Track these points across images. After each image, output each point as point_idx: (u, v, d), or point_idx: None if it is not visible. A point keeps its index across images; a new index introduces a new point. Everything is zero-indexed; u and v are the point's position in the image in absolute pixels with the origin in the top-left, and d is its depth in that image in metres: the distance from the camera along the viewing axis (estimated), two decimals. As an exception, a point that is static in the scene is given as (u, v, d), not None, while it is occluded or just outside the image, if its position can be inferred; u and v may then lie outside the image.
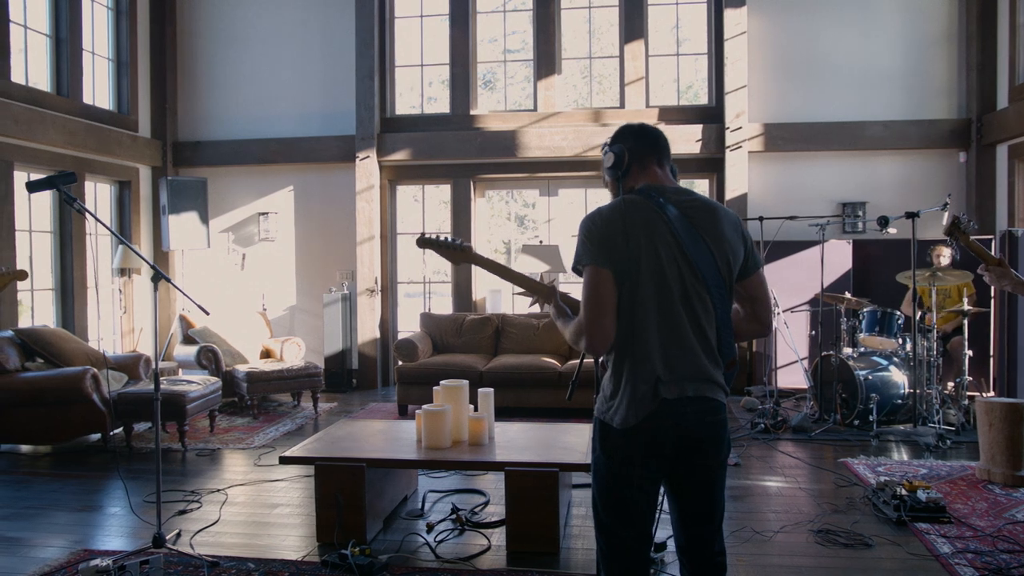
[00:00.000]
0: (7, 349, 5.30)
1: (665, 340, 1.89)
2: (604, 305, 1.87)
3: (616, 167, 2.05)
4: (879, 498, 3.93)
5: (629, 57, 7.53)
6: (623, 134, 2.10)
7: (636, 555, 2.01)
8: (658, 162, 2.06)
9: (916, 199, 6.95)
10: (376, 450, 3.62)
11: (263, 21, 7.98)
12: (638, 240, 1.89)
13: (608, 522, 2.00)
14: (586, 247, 1.91)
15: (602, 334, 1.87)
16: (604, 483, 1.98)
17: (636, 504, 1.96)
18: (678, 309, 1.90)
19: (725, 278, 1.95)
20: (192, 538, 3.61)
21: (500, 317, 7.02)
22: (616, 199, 1.99)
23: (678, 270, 1.90)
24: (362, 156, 7.60)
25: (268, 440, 5.56)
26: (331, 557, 3.20)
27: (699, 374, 1.90)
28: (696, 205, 1.98)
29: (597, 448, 1.99)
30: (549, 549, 3.37)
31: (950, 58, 7.17)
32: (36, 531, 3.79)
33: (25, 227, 6.46)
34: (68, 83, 6.79)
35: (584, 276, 1.90)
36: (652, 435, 1.89)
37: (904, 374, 5.72)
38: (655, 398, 1.87)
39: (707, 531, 2.03)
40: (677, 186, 2.04)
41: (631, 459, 1.92)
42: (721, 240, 1.94)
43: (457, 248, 2.26)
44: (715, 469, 1.99)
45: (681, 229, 1.92)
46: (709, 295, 1.92)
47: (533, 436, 3.89)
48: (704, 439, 1.93)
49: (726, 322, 1.96)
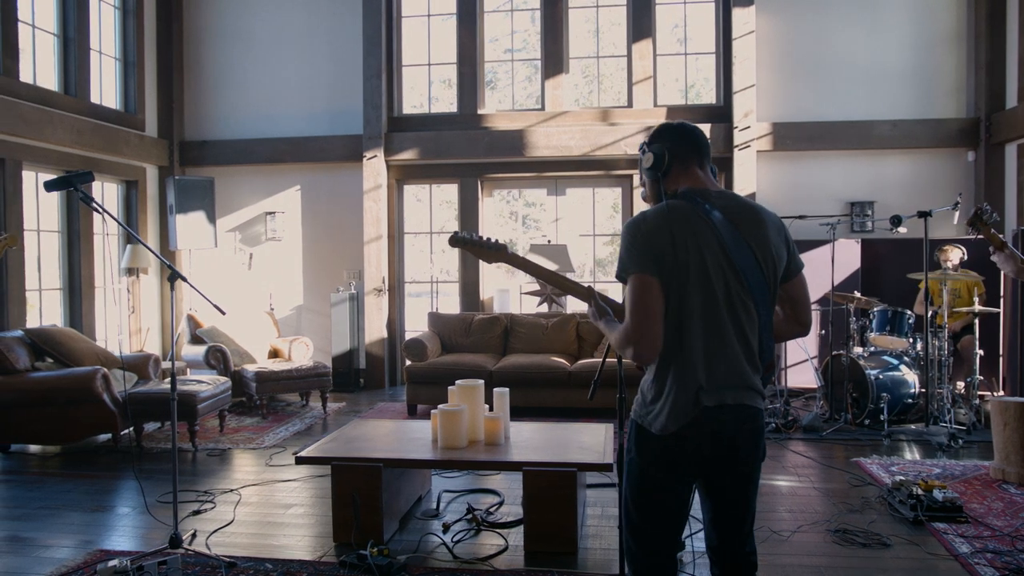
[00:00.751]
0: (17, 349, 5.29)
1: (709, 348, 1.87)
2: (652, 313, 1.83)
3: (656, 168, 1.99)
4: (895, 498, 3.92)
5: (637, 56, 7.51)
6: (662, 133, 2.05)
7: (666, 557, 2.01)
8: (700, 163, 2.02)
9: (925, 198, 6.95)
10: (392, 450, 3.61)
11: (270, 20, 7.97)
12: (685, 246, 1.86)
13: (640, 524, 1.99)
14: (631, 254, 1.87)
15: (651, 343, 1.84)
16: (638, 485, 1.98)
17: (669, 507, 1.96)
18: (723, 316, 1.88)
19: (769, 283, 1.93)
20: (208, 538, 3.61)
21: (508, 317, 7.01)
22: (660, 204, 1.94)
23: (723, 276, 1.87)
24: (369, 155, 7.58)
25: (278, 440, 5.55)
26: (349, 557, 3.19)
27: (740, 382, 1.89)
28: (740, 209, 1.95)
29: (632, 451, 1.99)
30: (567, 549, 3.36)
31: (959, 57, 7.16)
32: (51, 531, 3.78)
33: (33, 227, 6.45)
34: (76, 82, 6.78)
35: (630, 283, 1.86)
36: (690, 441, 1.88)
37: (915, 373, 5.71)
38: (696, 406, 1.86)
39: (740, 532, 2.03)
40: (720, 189, 2.01)
41: (668, 464, 1.92)
42: (766, 245, 1.92)
43: (492, 247, 2.24)
44: (751, 473, 2.00)
45: (726, 234, 1.89)
46: (753, 301, 1.91)
47: (548, 436, 3.88)
48: (741, 446, 1.93)
49: (768, 327, 1.94)
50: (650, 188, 2.09)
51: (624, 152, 7.35)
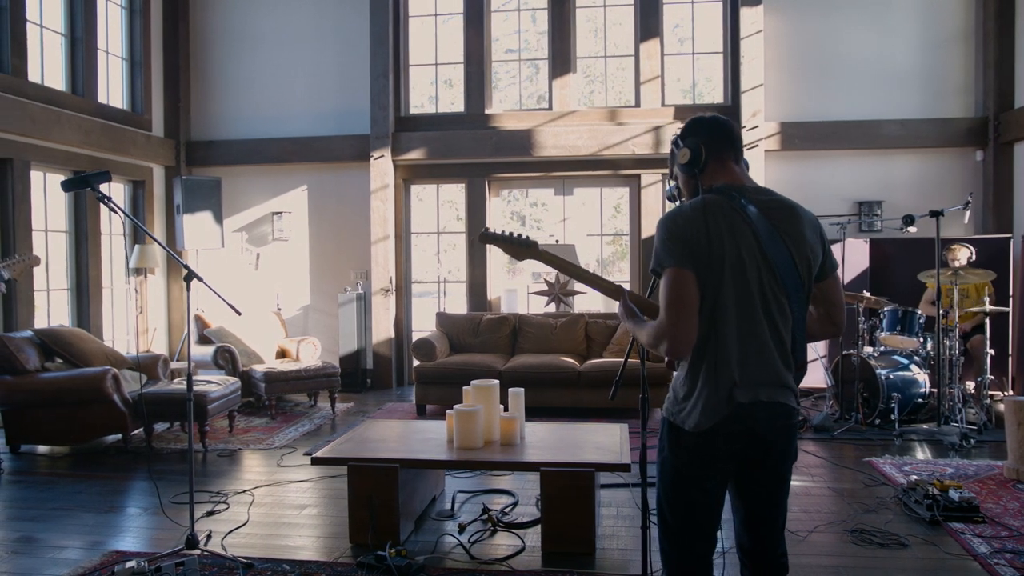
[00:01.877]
0: (27, 349, 5.27)
1: (743, 344, 1.85)
2: (688, 308, 1.81)
3: (693, 163, 1.97)
4: (910, 497, 3.91)
5: (644, 56, 7.51)
6: (696, 128, 2.02)
7: (701, 557, 2.01)
8: (735, 158, 2.00)
9: (933, 198, 6.94)
10: (409, 450, 3.60)
11: (277, 20, 7.96)
12: (721, 242, 1.84)
13: (674, 523, 1.99)
14: (667, 248, 1.85)
15: (686, 338, 1.82)
16: (672, 484, 1.97)
17: (704, 506, 1.95)
18: (758, 313, 1.86)
19: (804, 280, 1.91)
20: (223, 539, 3.59)
21: (517, 317, 6.99)
22: (696, 198, 1.92)
23: (759, 273, 1.86)
24: (376, 155, 7.57)
25: (288, 440, 5.54)
26: (367, 558, 3.17)
27: (774, 379, 1.88)
28: (777, 205, 1.93)
29: (665, 449, 1.98)
30: (585, 550, 3.35)
31: (967, 56, 7.16)
32: (65, 532, 3.77)
33: (41, 227, 6.44)
34: (83, 82, 6.77)
35: (665, 278, 1.84)
36: (724, 439, 1.87)
37: (925, 373, 5.71)
38: (730, 402, 1.85)
39: (772, 533, 2.03)
40: (756, 185, 1.99)
41: (702, 462, 1.91)
42: (801, 242, 1.90)
43: (523, 244, 2.22)
44: (784, 472, 1.99)
45: (762, 230, 1.87)
46: (788, 299, 1.89)
47: (563, 436, 3.87)
48: (775, 443, 1.92)
49: (801, 324, 1.93)
50: (685, 184, 2.07)
51: (632, 152, 7.34)
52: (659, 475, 2.02)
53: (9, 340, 5.19)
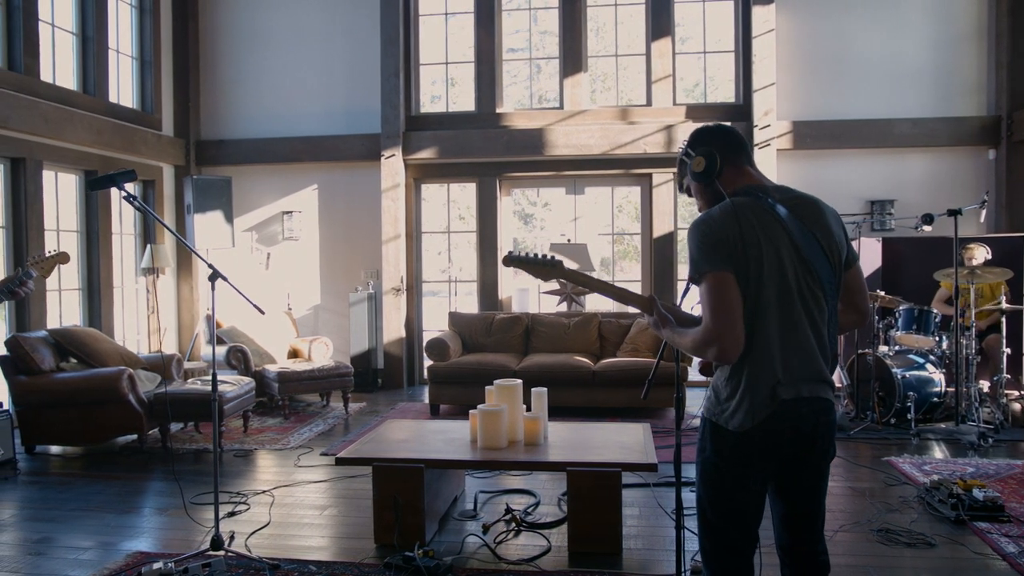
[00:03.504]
0: (42, 349, 5.26)
1: (785, 341, 1.87)
2: (734, 311, 1.82)
3: (709, 171, 1.99)
4: (934, 497, 3.90)
5: (656, 55, 7.49)
6: (704, 136, 2.06)
7: (744, 556, 2.01)
8: (748, 161, 2.04)
9: (945, 197, 6.93)
10: (433, 451, 3.58)
11: (287, 19, 7.94)
12: (756, 242, 1.86)
13: (717, 523, 1.99)
14: (704, 253, 1.86)
15: (735, 341, 1.82)
16: (715, 484, 1.97)
17: (747, 505, 1.96)
18: (797, 309, 1.88)
19: (836, 273, 1.94)
20: (247, 540, 3.58)
21: (530, 316, 6.98)
22: (724, 202, 1.94)
23: (795, 269, 1.88)
24: (387, 155, 7.56)
25: (303, 440, 5.52)
26: (394, 559, 3.16)
27: (814, 374, 1.90)
28: (801, 201, 1.97)
29: (708, 449, 1.97)
30: (612, 550, 3.34)
31: (980, 55, 7.14)
32: (87, 533, 3.75)
33: (53, 227, 6.42)
34: (95, 82, 6.75)
35: (706, 284, 1.84)
36: (769, 437, 1.88)
37: (940, 372, 5.70)
38: (773, 400, 1.85)
39: (813, 531, 2.04)
40: (776, 184, 2.02)
41: (745, 461, 1.91)
42: (829, 235, 1.94)
43: (548, 264, 2.21)
44: (824, 469, 2.01)
45: (792, 227, 1.90)
46: (823, 292, 1.91)
47: (586, 436, 3.86)
48: (818, 439, 1.93)
49: (834, 318, 1.96)
50: (702, 192, 2.07)
51: (643, 150, 7.32)
52: (700, 474, 2.02)
53: (24, 340, 5.17)
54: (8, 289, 3.15)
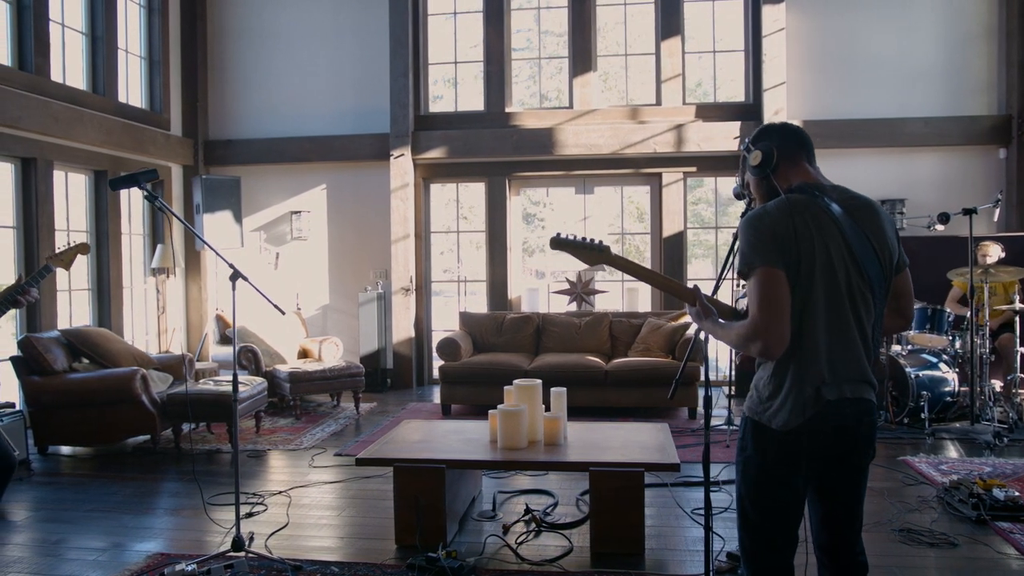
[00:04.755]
0: (55, 350, 5.24)
1: (832, 341, 1.87)
2: (782, 307, 1.82)
3: (765, 165, 2.01)
4: (953, 497, 3.89)
5: (666, 54, 7.48)
6: (767, 132, 2.08)
7: (783, 555, 2.01)
8: (808, 159, 2.04)
9: (956, 196, 6.92)
10: (453, 451, 3.57)
11: (295, 18, 7.92)
12: (809, 239, 1.86)
13: (757, 521, 1.99)
14: (755, 248, 1.86)
15: (781, 337, 1.82)
16: (756, 483, 1.98)
17: (787, 503, 1.96)
18: (845, 309, 1.88)
19: (886, 275, 1.94)
20: (266, 541, 3.57)
21: (540, 316, 6.97)
22: (779, 198, 1.94)
23: (846, 268, 1.88)
24: (396, 154, 7.54)
25: (316, 441, 5.51)
26: (417, 560, 3.14)
27: (859, 375, 1.90)
28: (857, 202, 1.96)
29: (749, 448, 1.98)
30: (634, 550, 3.33)
31: (990, 54, 7.13)
32: (104, 534, 3.74)
33: (63, 227, 6.40)
34: (104, 81, 6.73)
35: (756, 278, 1.84)
36: (812, 437, 1.88)
37: (953, 372, 5.68)
38: (817, 400, 1.86)
39: (853, 531, 2.04)
40: (833, 184, 2.01)
41: (788, 460, 1.92)
42: (882, 237, 1.94)
43: (595, 249, 2.21)
44: (865, 470, 2.01)
45: (846, 226, 1.90)
46: (872, 294, 1.92)
47: (606, 436, 3.84)
48: (860, 440, 1.94)
49: (881, 320, 1.96)
50: (758, 186, 2.09)
51: (654, 150, 7.31)
52: (741, 473, 2.02)
53: (37, 340, 5.16)
54: (10, 298, 3.12)
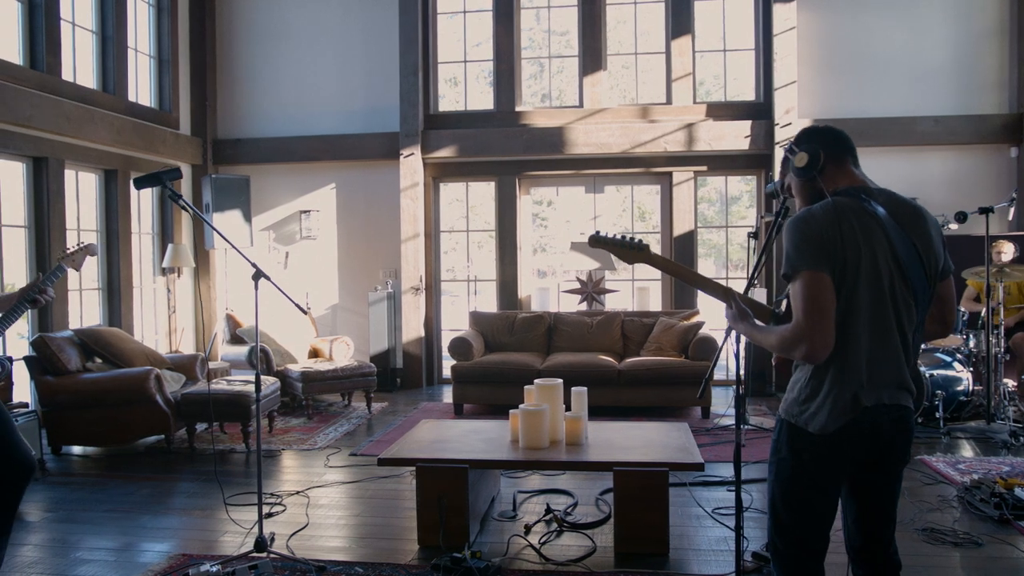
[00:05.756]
0: (68, 349, 5.23)
1: (873, 347, 1.87)
2: (827, 311, 1.81)
3: (811, 167, 1.99)
4: (974, 496, 3.88)
5: (676, 53, 7.46)
6: (812, 134, 2.06)
7: (816, 557, 2.02)
8: (854, 162, 2.03)
9: (967, 195, 6.90)
10: (475, 451, 3.56)
11: (304, 17, 7.90)
12: (855, 243, 1.85)
13: (791, 524, 2.00)
14: (801, 251, 1.85)
15: (825, 341, 1.81)
16: (790, 485, 1.97)
17: (821, 505, 1.97)
18: (888, 315, 1.87)
19: (930, 281, 1.93)
20: (288, 541, 3.56)
21: (552, 315, 6.95)
22: (825, 200, 1.93)
23: (890, 274, 1.87)
24: (406, 153, 7.53)
25: (330, 441, 5.50)
26: (442, 560, 3.13)
27: (897, 381, 1.90)
28: (903, 206, 1.95)
29: (784, 450, 1.98)
30: (659, 550, 3.32)
31: (1001, 52, 7.12)
32: (124, 535, 3.73)
33: (73, 226, 6.39)
34: (114, 80, 6.71)
35: (801, 281, 1.83)
36: (848, 441, 1.88)
37: (967, 371, 5.68)
38: (855, 405, 1.86)
39: (887, 531, 2.04)
40: (880, 187, 1.99)
41: (823, 463, 1.92)
42: (928, 242, 1.92)
43: (634, 247, 2.21)
44: (899, 473, 2.02)
45: (892, 231, 1.89)
46: (915, 300, 1.91)
47: (626, 435, 3.83)
48: (896, 445, 1.94)
49: (922, 326, 1.96)
50: (802, 188, 2.07)
51: (664, 149, 7.30)
52: (775, 475, 2.02)
53: (51, 340, 5.14)
54: (29, 298, 3.12)
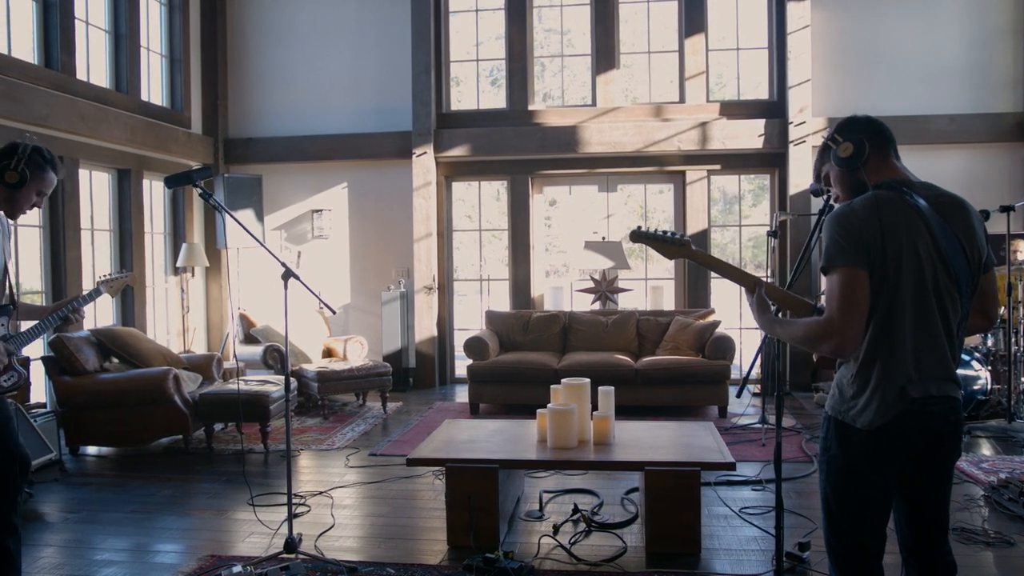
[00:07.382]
0: (86, 349, 5.21)
1: (918, 339, 1.86)
2: (861, 310, 1.81)
3: (856, 158, 1.97)
4: (1002, 495, 3.87)
5: (689, 51, 7.44)
6: (853, 125, 2.03)
7: (873, 555, 1.99)
8: (895, 155, 2.01)
9: (982, 193, 6.86)
10: (504, 451, 3.54)
11: (316, 16, 7.88)
12: (897, 238, 1.84)
13: (845, 522, 1.98)
14: (840, 247, 1.84)
15: (854, 338, 1.82)
16: (842, 483, 1.96)
17: (875, 501, 1.95)
18: (932, 308, 1.86)
19: (974, 274, 1.92)
20: (315, 542, 3.54)
21: (567, 314, 6.93)
22: (866, 194, 1.91)
23: (933, 267, 1.86)
24: (419, 152, 7.51)
25: (348, 441, 5.48)
26: (475, 561, 3.11)
27: (944, 373, 1.89)
28: (946, 200, 1.94)
29: (833, 448, 1.97)
30: (690, 550, 3.31)
31: (1015, 51, 7.11)
32: (149, 536, 3.72)
33: (87, 226, 6.37)
34: (128, 80, 6.69)
35: (837, 277, 1.83)
36: (898, 435, 1.87)
37: (986, 369, 5.66)
38: (903, 398, 1.85)
39: (939, 531, 2.02)
40: (922, 180, 1.98)
41: (874, 459, 1.91)
42: (972, 235, 1.92)
43: (676, 243, 2.20)
44: (950, 469, 2.00)
45: (935, 224, 1.88)
46: (959, 292, 1.90)
47: (654, 435, 3.82)
48: (947, 438, 1.93)
49: (966, 319, 1.95)
50: (843, 178, 2.05)
51: (677, 147, 7.28)
52: (826, 473, 2.01)
53: (68, 340, 5.12)
54: (62, 315, 3.11)
